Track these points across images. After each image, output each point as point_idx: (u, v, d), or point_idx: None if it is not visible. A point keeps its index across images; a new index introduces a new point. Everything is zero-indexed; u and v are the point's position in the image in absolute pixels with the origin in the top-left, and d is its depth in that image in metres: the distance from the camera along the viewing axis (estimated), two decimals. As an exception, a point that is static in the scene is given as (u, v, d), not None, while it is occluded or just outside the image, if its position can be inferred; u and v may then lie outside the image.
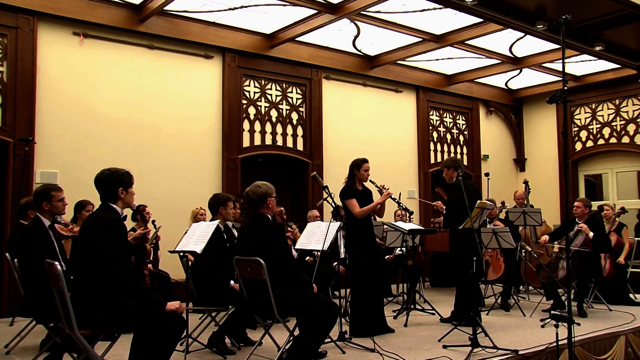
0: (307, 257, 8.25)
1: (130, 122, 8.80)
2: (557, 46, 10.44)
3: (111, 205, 4.03)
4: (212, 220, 5.94)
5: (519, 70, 12.18)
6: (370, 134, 11.49)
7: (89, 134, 8.45)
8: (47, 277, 4.10)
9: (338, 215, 6.06)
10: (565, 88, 4.56)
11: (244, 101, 9.94)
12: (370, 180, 6.48)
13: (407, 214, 9.46)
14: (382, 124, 11.76)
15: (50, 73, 8.22)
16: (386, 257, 8.56)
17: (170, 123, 9.15)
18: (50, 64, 8.23)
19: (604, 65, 11.86)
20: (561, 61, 4.76)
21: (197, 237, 5.42)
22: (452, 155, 12.87)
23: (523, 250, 8.78)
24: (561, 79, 4.72)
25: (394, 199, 6.60)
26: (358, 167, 6.39)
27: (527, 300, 8.70)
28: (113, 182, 4.04)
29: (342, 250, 8.08)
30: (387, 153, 11.57)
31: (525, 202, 9.92)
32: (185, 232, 5.79)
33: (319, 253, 7.40)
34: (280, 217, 8.39)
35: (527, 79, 13.01)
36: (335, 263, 7.97)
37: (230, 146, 9.64)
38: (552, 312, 4.95)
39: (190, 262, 5.92)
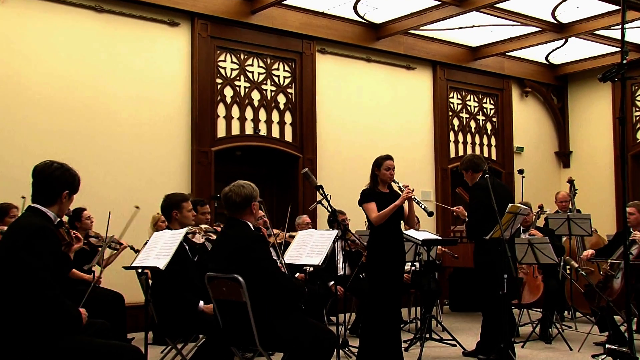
0: (298, 274, 8.25)
1: (72, 105, 8.75)
2: (616, 7, 10.35)
3: (42, 209, 3.88)
4: (166, 228, 5.91)
5: (563, 40, 12.16)
6: (375, 122, 11.50)
7: (16, 118, 8.40)
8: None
9: (336, 221, 6.05)
10: (625, 61, 4.49)
11: (219, 80, 9.92)
12: (394, 181, 6.64)
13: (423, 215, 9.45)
14: (390, 109, 11.76)
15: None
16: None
17: (125, 106, 9.12)
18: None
19: (677, 30, 11.80)
20: (620, 26, 4.69)
21: (160, 250, 5.40)
22: (477, 149, 12.88)
23: (568, 267, 8.78)
24: (619, 49, 4.62)
25: (414, 200, 6.67)
26: (378, 166, 6.58)
27: (573, 329, 8.69)
28: (62, 182, 3.92)
29: (340, 265, 8.07)
30: (396, 146, 11.53)
31: (570, 206, 9.92)
32: (145, 244, 5.76)
33: (311, 269, 7.38)
34: (264, 225, 8.38)
35: (574, 50, 12.99)
36: (332, 282, 7.97)
37: (202, 136, 9.62)
38: (607, 346, 4.94)
39: (150, 281, 5.89)
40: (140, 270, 5.54)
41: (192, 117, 9.61)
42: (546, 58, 13.50)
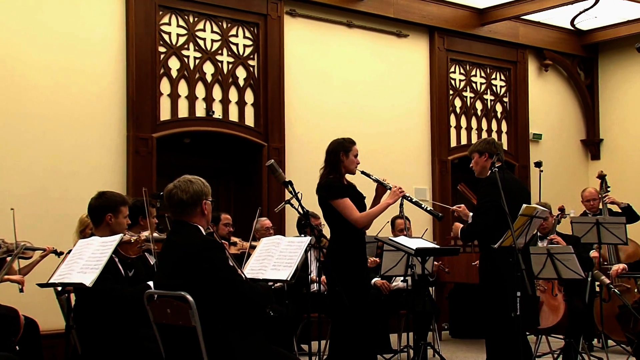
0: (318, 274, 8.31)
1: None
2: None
3: None
4: (92, 235, 5.86)
5: (593, 0, 12.22)
6: (357, 103, 11.50)
7: None
8: None
9: (308, 226, 6.04)
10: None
11: (162, 49, 9.86)
12: (362, 171, 6.65)
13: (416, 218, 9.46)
14: (377, 86, 11.78)
15: None
16: (373, 281, 8.64)
17: (42, 79, 9.04)
18: None
19: None
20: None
21: (86, 262, 5.36)
22: (484, 136, 12.89)
23: (597, 283, 8.81)
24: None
25: (410, 200, 6.69)
26: (346, 151, 6.58)
27: (604, 361, 8.77)
28: None
29: (313, 273, 8.09)
30: (384, 132, 11.58)
31: (601, 207, 9.96)
32: (67, 253, 5.71)
33: (278, 285, 7.38)
34: (227, 230, 8.36)
35: (607, 13, 13.00)
36: (313, 274, 7.99)
37: (140, 119, 9.56)
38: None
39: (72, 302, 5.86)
40: (60, 289, 5.50)
41: (127, 94, 9.54)
42: (571, 23, 13.53)
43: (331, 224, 6.59)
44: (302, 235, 7.93)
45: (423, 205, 6.87)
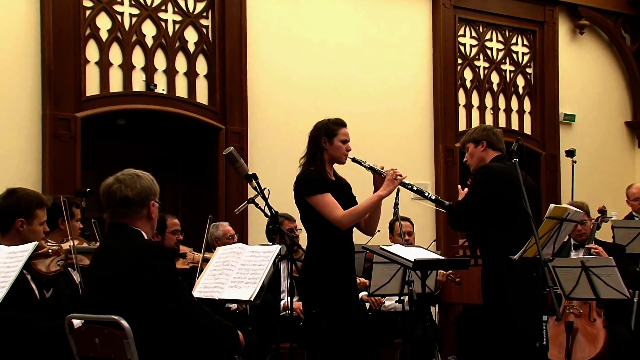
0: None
1: None
2: None
3: None
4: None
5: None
6: (339, 75, 11.56)
7: None
8: None
9: (278, 232, 6.04)
10: None
11: (88, 2, 9.82)
12: (353, 159, 6.71)
13: (409, 235, 9.51)
14: (365, 54, 11.82)
15: None
16: (360, 295, 8.66)
17: None
18: None
19: None
20: None
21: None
22: (502, 117, 13.01)
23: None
24: None
25: (410, 188, 6.71)
26: (330, 135, 6.61)
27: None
28: None
29: (284, 300, 8.11)
30: (375, 113, 11.62)
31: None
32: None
33: (240, 307, 7.39)
34: (175, 239, 8.36)
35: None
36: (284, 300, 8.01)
37: (60, 94, 9.55)
38: None
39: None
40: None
41: (42, 61, 9.53)
42: (612, -26, 13.66)
43: (309, 227, 6.63)
44: (271, 243, 7.91)
45: (427, 194, 6.88)
